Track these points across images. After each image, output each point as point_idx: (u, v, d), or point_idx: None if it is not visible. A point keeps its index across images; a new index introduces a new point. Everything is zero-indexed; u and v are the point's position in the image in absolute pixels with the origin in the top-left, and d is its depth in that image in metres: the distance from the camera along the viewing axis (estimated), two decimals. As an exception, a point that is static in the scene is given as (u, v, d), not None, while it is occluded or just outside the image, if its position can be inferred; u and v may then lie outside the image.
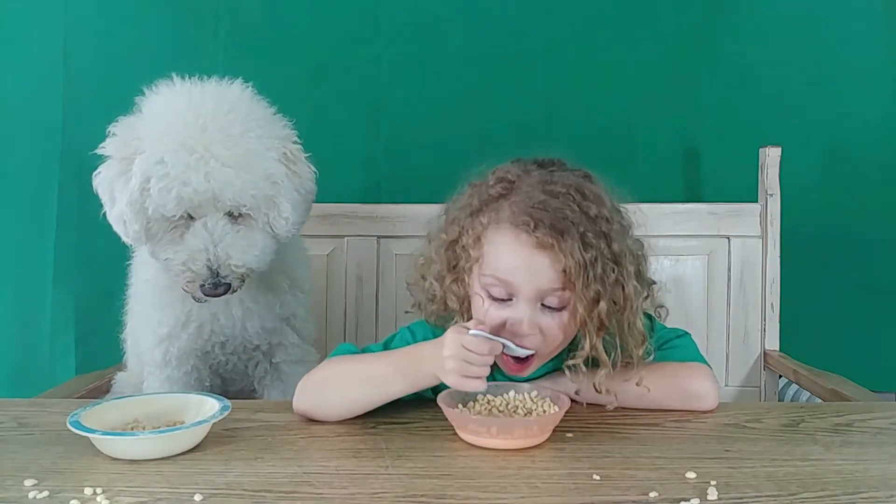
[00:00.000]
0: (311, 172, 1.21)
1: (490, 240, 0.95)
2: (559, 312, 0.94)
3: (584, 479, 0.78)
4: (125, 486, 0.77)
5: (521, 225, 0.91)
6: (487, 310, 0.95)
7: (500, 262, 0.93)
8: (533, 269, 0.91)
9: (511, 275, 0.92)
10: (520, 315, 0.93)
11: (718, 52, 1.81)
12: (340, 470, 0.81)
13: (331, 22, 1.83)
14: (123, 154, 1.10)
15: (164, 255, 1.11)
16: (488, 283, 0.94)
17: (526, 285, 0.92)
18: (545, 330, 0.94)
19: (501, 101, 1.82)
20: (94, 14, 1.83)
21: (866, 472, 0.80)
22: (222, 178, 1.06)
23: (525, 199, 0.94)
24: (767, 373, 1.60)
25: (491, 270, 0.94)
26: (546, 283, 0.91)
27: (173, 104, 1.11)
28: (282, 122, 1.19)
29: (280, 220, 1.14)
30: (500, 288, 0.93)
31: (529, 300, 0.92)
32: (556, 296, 0.92)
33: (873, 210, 1.79)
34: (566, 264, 0.90)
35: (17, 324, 1.83)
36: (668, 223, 1.62)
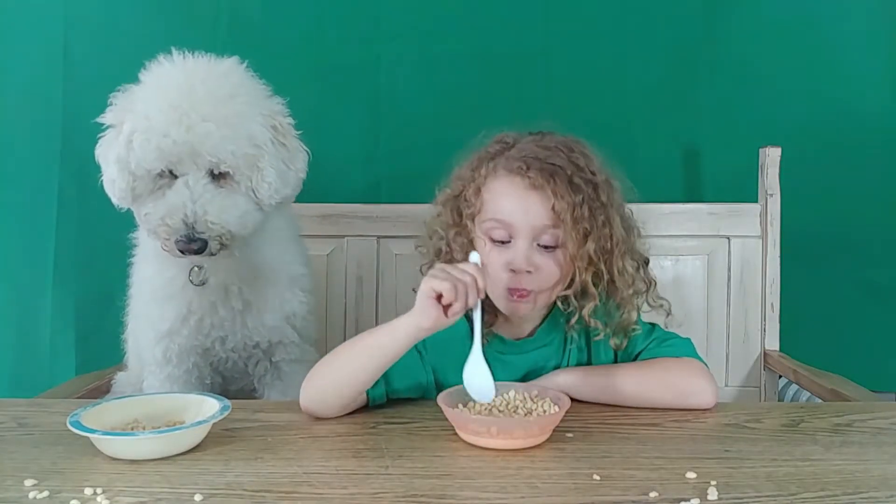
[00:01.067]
0: (304, 153, 1.22)
1: (488, 188, 1.03)
2: (553, 251, 1.01)
3: (585, 480, 0.78)
4: (125, 487, 0.77)
5: (515, 169, 1.01)
6: (490, 255, 1.01)
7: (497, 206, 1.02)
8: (527, 208, 1.00)
9: (509, 215, 1.00)
10: (518, 252, 0.99)
11: (718, 52, 1.81)
12: (340, 470, 0.81)
13: (331, 22, 1.83)
14: (117, 119, 1.12)
15: (144, 211, 1.12)
16: (489, 228, 1.02)
17: (521, 224, 1.00)
18: (541, 267, 1.00)
19: (501, 101, 1.82)
20: (93, 14, 1.83)
21: (866, 472, 0.80)
22: (202, 130, 1.07)
23: (519, 151, 1.03)
24: (767, 373, 1.60)
25: (490, 214, 1.02)
26: (539, 220, 0.99)
27: (168, 71, 1.13)
28: (275, 99, 1.20)
29: (263, 184, 1.14)
30: (500, 230, 1.01)
31: (525, 238, 1.00)
32: (549, 234, 1.00)
33: (873, 210, 1.79)
34: (556, 204, 0.98)
35: (17, 324, 1.83)
36: (668, 223, 1.62)
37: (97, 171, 1.14)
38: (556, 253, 1.01)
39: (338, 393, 0.98)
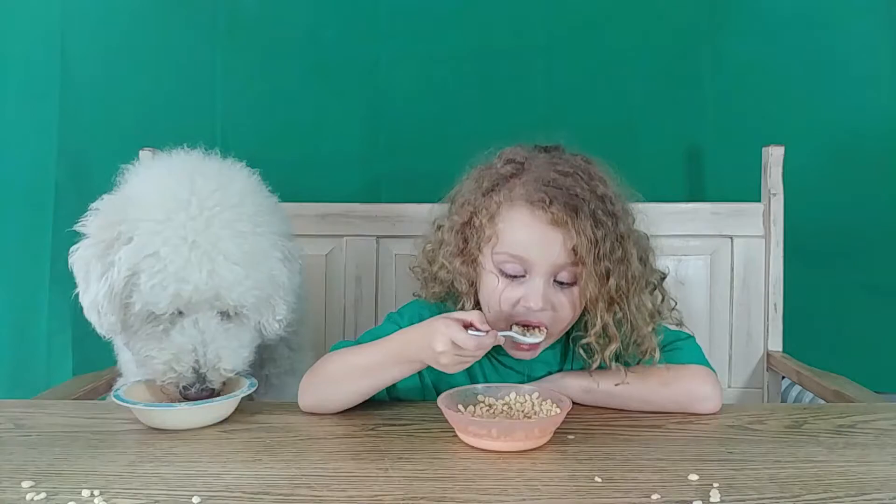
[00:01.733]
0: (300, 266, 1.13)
1: (504, 217, 0.97)
2: (570, 288, 0.97)
3: (586, 482, 0.78)
4: (122, 488, 0.76)
5: (537, 202, 0.94)
6: (502, 291, 0.97)
7: (514, 239, 0.96)
8: (547, 244, 0.94)
9: (526, 250, 0.95)
10: (534, 290, 0.95)
11: (721, 51, 1.81)
12: (339, 472, 0.81)
13: (330, 21, 1.82)
14: (105, 237, 1.00)
15: (145, 352, 1.01)
16: (502, 261, 0.97)
17: (540, 260, 0.95)
18: (557, 306, 0.97)
19: (502, 101, 1.82)
20: (91, 13, 1.82)
21: (869, 473, 0.80)
22: (231, 276, 0.97)
23: (537, 177, 0.97)
24: (770, 374, 1.59)
25: (505, 248, 0.96)
26: (559, 258, 0.94)
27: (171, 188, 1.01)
28: (281, 214, 1.12)
29: (274, 322, 1.07)
30: (515, 264, 0.96)
31: (543, 275, 0.95)
32: (568, 271, 0.96)
33: (877, 209, 1.78)
34: (578, 241, 0.93)
35: (14, 325, 1.83)
36: (670, 223, 1.61)
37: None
38: (572, 290, 0.97)
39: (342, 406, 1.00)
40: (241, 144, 1.81)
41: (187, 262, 0.96)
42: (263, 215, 1.05)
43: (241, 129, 1.83)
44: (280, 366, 1.21)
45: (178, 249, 0.96)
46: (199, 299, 0.97)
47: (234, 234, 0.99)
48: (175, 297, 0.96)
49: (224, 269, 0.97)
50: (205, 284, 0.96)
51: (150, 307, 0.97)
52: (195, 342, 0.99)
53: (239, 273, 0.98)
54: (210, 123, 1.83)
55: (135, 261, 0.97)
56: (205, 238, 0.97)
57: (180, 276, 0.96)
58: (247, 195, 1.05)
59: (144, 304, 0.97)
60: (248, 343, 1.06)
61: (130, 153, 1.60)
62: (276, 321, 1.07)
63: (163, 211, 0.98)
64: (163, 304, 0.97)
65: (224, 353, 1.00)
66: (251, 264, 1.00)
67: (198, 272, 0.96)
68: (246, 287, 0.99)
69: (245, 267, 0.99)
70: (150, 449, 0.88)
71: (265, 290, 1.03)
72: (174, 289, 0.96)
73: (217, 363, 1.00)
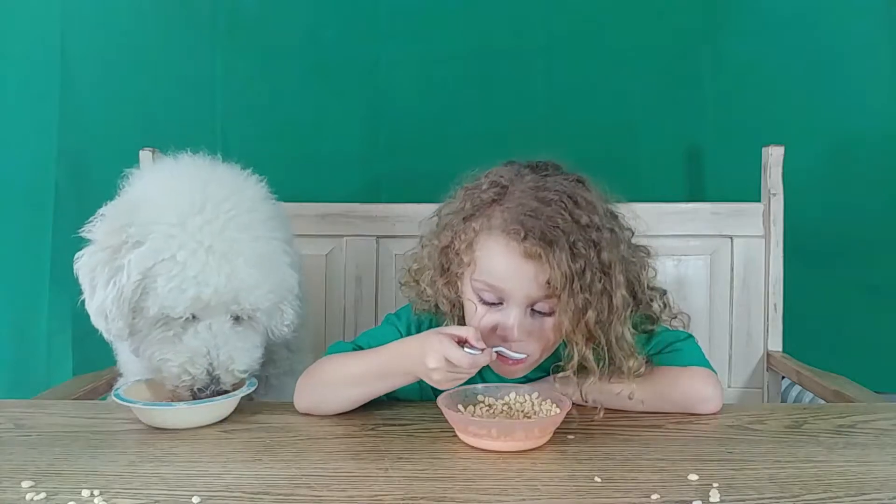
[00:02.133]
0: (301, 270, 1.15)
1: (481, 245, 0.95)
2: (549, 317, 0.95)
3: (586, 482, 0.78)
4: (122, 488, 0.76)
5: (512, 233, 0.92)
6: (482, 317, 0.95)
7: (491, 269, 0.94)
8: (522, 276, 0.92)
9: (501, 281, 0.93)
10: (510, 321, 0.93)
11: (721, 51, 1.80)
12: (339, 472, 0.81)
13: (330, 21, 1.82)
14: (112, 242, 0.99)
15: (159, 356, 1.01)
16: (479, 289, 0.95)
17: (516, 291, 0.93)
18: (535, 334, 0.95)
19: (502, 101, 1.82)
20: (91, 13, 1.82)
21: (869, 473, 0.80)
22: (250, 279, 0.98)
23: (517, 205, 0.94)
24: (770, 374, 1.59)
25: (483, 276, 0.95)
26: (535, 290, 0.92)
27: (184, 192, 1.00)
28: (287, 221, 1.13)
29: (282, 327, 1.09)
30: (491, 293, 0.94)
31: (519, 305, 0.93)
32: (545, 302, 0.94)
33: (877, 209, 1.78)
34: (553, 275, 0.90)
35: (14, 325, 1.83)
36: (670, 223, 1.61)
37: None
38: (552, 318, 0.95)
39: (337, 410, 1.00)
40: (241, 144, 1.81)
41: (206, 266, 0.96)
42: (274, 221, 1.07)
43: (241, 129, 1.83)
44: (280, 367, 1.21)
45: (196, 253, 0.96)
46: (218, 302, 0.98)
47: (250, 238, 1.00)
48: (195, 300, 0.96)
49: (243, 273, 0.98)
50: (224, 287, 0.97)
51: (166, 311, 0.97)
52: (209, 345, 1.00)
53: (257, 276, 0.99)
54: (210, 123, 1.83)
55: (147, 265, 0.97)
56: (221, 242, 0.97)
57: (199, 280, 0.96)
58: (258, 201, 1.06)
59: (161, 308, 0.97)
60: (258, 346, 1.06)
61: (130, 153, 1.60)
62: (284, 325, 1.09)
63: (176, 214, 0.98)
64: (180, 308, 0.97)
65: (237, 354, 1.01)
66: (267, 268, 1.01)
67: (216, 275, 0.96)
68: (263, 291, 1.00)
69: (262, 271, 1.00)
70: (150, 449, 0.88)
71: (279, 294, 1.05)
72: (194, 292, 0.96)
73: (230, 365, 1.01)
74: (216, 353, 1.00)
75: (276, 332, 1.09)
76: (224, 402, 0.98)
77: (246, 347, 1.03)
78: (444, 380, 0.91)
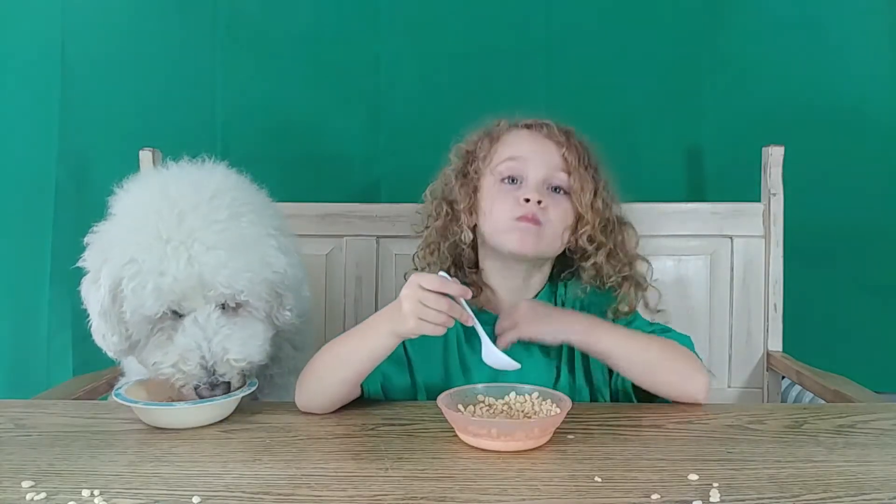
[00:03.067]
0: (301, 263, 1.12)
1: (504, 140, 1.12)
2: (564, 196, 1.07)
3: (586, 482, 0.78)
4: (123, 488, 0.76)
5: (534, 126, 1.11)
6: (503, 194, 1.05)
7: (514, 148, 1.09)
8: (544, 151, 1.07)
9: (523, 152, 1.07)
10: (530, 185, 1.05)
11: (721, 51, 1.80)
12: (339, 472, 0.81)
13: (329, 21, 1.82)
14: (95, 265, 1.00)
15: (152, 360, 1.00)
16: (502, 168, 1.08)
17: (537, 162, 1.06)
18: (550, 209, 1.05)
19: (502, 101, 1.80)
20: (91, 13, 1.82)
21: (869, 473, 0.80)
22: (212, 259, 0.95)
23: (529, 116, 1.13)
24: (770, 374, 1.59)
25: (507, 154, 1.09)
26: (553, 161, 1.07)
27: (143, 200, 1.00)
28: (272, 209, 1.10)
29: (285, 312, 1.05)
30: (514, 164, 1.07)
31: (538, 175, 1.06)
32: (560, 176, 1.07)
33: (877, 209, 1.78)
34: (569, 153, 1.07)
35: (14, 324, 1.83)
36: (670, 223, 1.62)
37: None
38: (566, 198, 1.07)
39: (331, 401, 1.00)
40: (241, 144, 1.81)
41: (162, 257, 0.95)
42: (246, 206, 1.04)
43: (241, 129, 1.83)
44: (284, 365, 1.20)
45: (151, 248, 0.95)
46: (184, 289, 0.96)
47: (209, 223, 0.98)
48: (156, 291, 0.95)
49: (202, 255, 0.96)
50: (183, 273, 0.95)
51: (140, 311, 0.96)
52: (198, 339, 0.97)
53: (221, 255, 0.96)
54: (210, 123, 1.83)
55: (114, 274, 0.97)
56: (178, 233, 0.96)
57: (157, 271, 0.94)
58: (222, 190, 1.03)
59: (133, 311, 0.96)
60: (260, 333, 1.03)
61: (130, 153, 1.61)
62: (286, 311, 1.06)
63: (136, 222, 0.98)
64: (148, 304, 0.95)
65: (230, 343, 0.99)
66: (235, 249, 0.98)
67: (174, 263, 0.95)
68: (233, 269, 0.96)
69: (228, 251, 0.97)
70: (150, 449, 0.88)
71: (260, 274, 1.00)
72: (153, 284, 0.94)
73: (225, 355, 0.98)
74: (207, 346, 0.97)
75: (281, 319, 1.06)
76: (225, 402, 0.98)
77: (243, 336, 1.00)
78: (413, 310, 0.89)
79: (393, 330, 0.94)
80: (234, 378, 1.00)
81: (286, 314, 1.06)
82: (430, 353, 1.09)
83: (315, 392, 0.99)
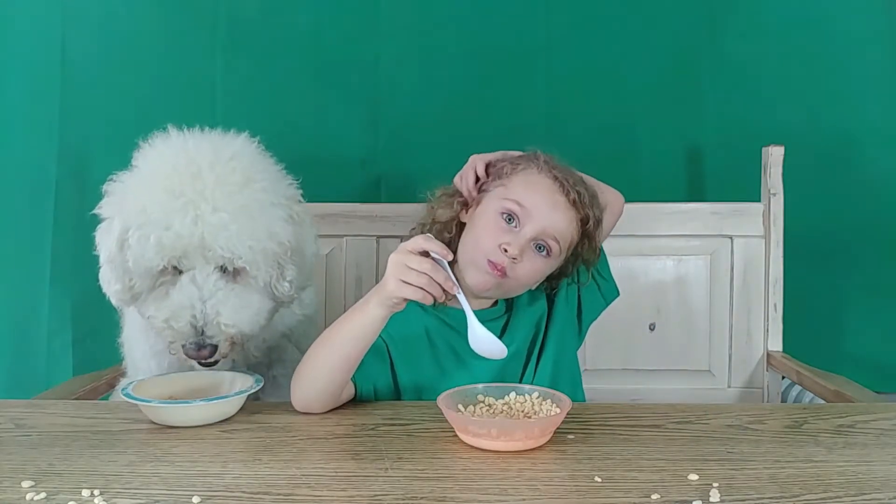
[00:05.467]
0: (315, 234, 1.13)
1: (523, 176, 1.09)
2: (542, 259, 1.06)
3: (586, 482, 0.78)
4: (122, 488, 0.76)
5: (557, 179, 1.07)
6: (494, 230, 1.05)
7: (525, 192, 1.06)
8: (553, 210, 1.06)
9: (534, 204, 1.05)
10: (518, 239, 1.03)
11: (721, 51, 1.81)
12: (339, 472, 0.81)
13: (330, 21, 1.82)
14: (109, 212, 1.02)
15: (148, 313, 1.01)
16: (508, 206, 1.06)
17: (538, 217, 1.05)
18: (521, 265, 1.04)
19: (502, 100, 1.81)
20: (91, 13, 1.82)
21: (869, 473, 0.80)
22: (215, 221, 0.95)
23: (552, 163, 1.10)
24: (770, 374, 1.59)
25: (516, 196, 1.06)
26: (554, 226, 1.05)
27: (165, 153, 1.02)
28: (287, 180, 1.11)
29: (284, 283, 1.05)
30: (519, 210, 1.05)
31: (532, 231, 1.04)
32: (551, 244, 1.06)
33: (877, 210, 1.78)
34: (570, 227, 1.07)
35: (14, 325, 1.82)
36: (670, 223, 1.62)
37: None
38: (545, 260, 1.07)
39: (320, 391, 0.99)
40: (241, 144, 1.81)
41: (170, 211, 0.96)
42: (261, 173, 1.05)
43: (241, 129, 1.81)
44: (289, 367, 1.18)
45: (163, 202, 0.96)
46: (186, 247, 0.96)
47: (222, 183, 0.98)
48: (158, 245, 0.95)
49: (209, 216, 0.96)
50: (187, 231, 0.95)
51: (141, 262, 0.97)
52: (192, 298, 0.98)
53: (224, 218, 0.96)
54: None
55: (125, 220, 0.98)
56: (191, 188, 0.97)
57: (163, 224, 0.95)
58: (241, 154, 1.05)
59: (136, 261, 0.97)
60: (256, 304, 1.03)
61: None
62: (286, 282, 1.05)
63: (152, 170, 1.00)
64: (149, 255, 0.96)
65: (224, 308, 0.98)
66: (243, 214, 0.98)
67: (181, 219, 0.95)
68: (233, 233, 0.96)
69: (233, 215, 0.97)
70: (150, 449, 0.88)
71: (262, 243, 1.00)
72: (156, 236, 0.95)
73: (216, 318, 0.98)
74: (201, 306, 0.97)
75: (280, 291, 1.05)
76: (230, 400, 0.98)
77: (237, 304, 1.00)
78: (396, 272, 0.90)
79: (378, 299, 0.93)
80: (221, 343, 1.00)
81: (285, 285, 1.06)
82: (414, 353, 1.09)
83: (308, 386, 0.98)
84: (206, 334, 0.98)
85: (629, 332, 1.60)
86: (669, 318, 1.61)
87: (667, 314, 1.61)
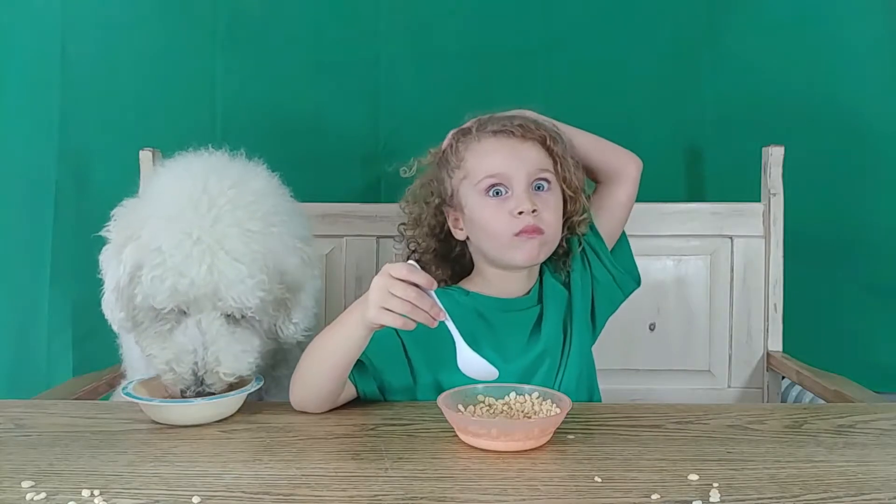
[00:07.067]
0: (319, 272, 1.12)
1: (473, 152, 1.09)
2: (549, 191, 1.08)
3: (586, 482, 0.78)
4: (122, 488, 0.76)
5: (500, 132, 1.09)
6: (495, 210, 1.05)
7: (490, 163, 1.07)
8: (521, 157, 1.06)
9: (500, 168, 1.06)
10: (519, 197, 1.04)
11: (721, 51, 1.80)
12: (339, 472, 0.81)
13: (330, 20, 1.82)
14: (119, 239, 1.01)
15: (149, 350, 1.01)
16: (484, 186, 1.06)
17: (517, 171, 1.05)
18: (542, 208, 1.05)
19: (502, 100, 1.80)
20: (91, 12, 1.82)
21: (869, 473, 0.80)
22: (231, 273, 0.95)
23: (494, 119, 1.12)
24: (770, 374, 1.59)
25: (482, 174, 1.07)
26: (533, 164, 1.06)
27: (183, 188, 1.00)
28: (303, 218, 1.10)
29: (290, 325, 1.05)
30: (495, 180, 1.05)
31: (522, 185, 1.05)
32: (543, 175, 1.07)
33: (877, 210, 1.78)
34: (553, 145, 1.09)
35: (14, 325, 1.82)
36: (670, 223, 1.62)
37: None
38: (551, 192, 1.08)
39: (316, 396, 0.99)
40: (241, 144, 1.80)
41: (188, 257, 0.95)
42: (279, 216, 1.04)
43: (242, 128, 1.83)
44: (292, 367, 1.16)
45: (181, 244, 0.96)
46: (198, 295, 0.96)
47: (241, 231, 0.98)
48: (172, 290, 0.95)
49: (225, 266, 0.96)
50: (202, 279, 0.95)
51: (150, 301, 0.97)
52: (196, 343, 0.98)
53: (241, 271, 0.96)
54: (210, 123, 1.83)
55: (139, 256, 0.98)
56: (210, 234, 0.96)
57: (179, 270, 0.95)
58: (263, 195, 1.04)
59: (144, 298, 0.97)
60: (256, 348, 1.03)
61: (130, 153, 1.61)
62: (291, 325, 1.06)
63: (173, 208, 0.99)
64: (161, 298, 0.96)
65: (224, 356, 0.99)
66: (258, 264, 0.98)
67: (197, 266, 0.95)
68: (248, 286, 0.97)
69: (249, 266, 0.97)
70: (150, 449, 0.88)
71: (273, 293, 1.01)
72: (171, 282, 0.95)
73: (216, 367, 0.99)
74: (203, 353, 0.98)
75: (285, 332, 1.06)
76: (231, 399, 0.98)
77: (237, 350, 1.00)
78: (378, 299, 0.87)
79: (361, 320, 0.92)
80: (219, 389, 1.00)
81: (290, 327, 1.06)
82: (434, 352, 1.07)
83: (303, 390, 0.99)
84: (205, 383, 0.99)
85: (629, 332, 1.60)
86: (669, 318, 1.61)
87: (667, 314, 1.61)
